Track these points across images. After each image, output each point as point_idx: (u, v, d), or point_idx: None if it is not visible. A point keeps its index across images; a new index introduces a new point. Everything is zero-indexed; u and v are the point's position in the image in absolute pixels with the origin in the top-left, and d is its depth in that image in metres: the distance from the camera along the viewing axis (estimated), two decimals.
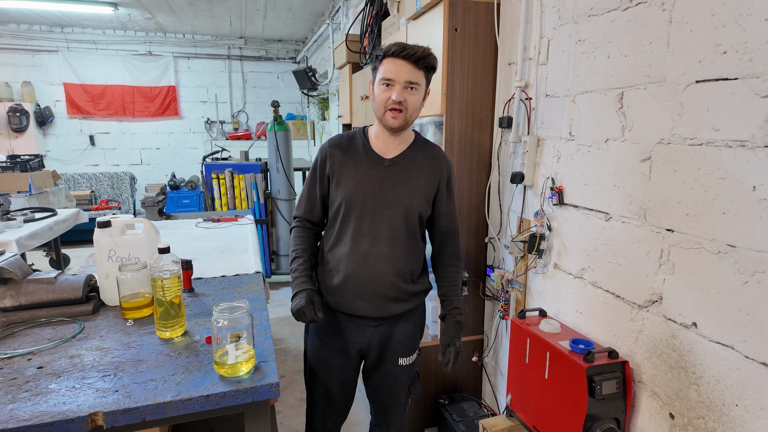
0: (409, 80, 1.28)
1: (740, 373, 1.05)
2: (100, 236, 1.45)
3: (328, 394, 1.52)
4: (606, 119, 1.41)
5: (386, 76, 1.29)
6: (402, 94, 1.28)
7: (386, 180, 1.38)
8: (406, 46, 1.27)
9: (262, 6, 5.23)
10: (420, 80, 1.30)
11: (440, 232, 1.51)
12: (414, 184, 1.40)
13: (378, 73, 1.32)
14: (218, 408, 1.02)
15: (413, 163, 1.41)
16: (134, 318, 1.39)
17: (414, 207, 1.39)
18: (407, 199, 1.38)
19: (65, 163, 6.60)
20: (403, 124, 1.33)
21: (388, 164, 1.39)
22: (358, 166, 1.39)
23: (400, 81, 1.28)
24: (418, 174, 1.41)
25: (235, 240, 2.41)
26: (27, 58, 6.27)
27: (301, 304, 1.32)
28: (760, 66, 0.97)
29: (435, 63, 1.33)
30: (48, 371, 1.08)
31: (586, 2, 1.47)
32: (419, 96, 1.32)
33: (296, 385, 2.72)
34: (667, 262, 1.23)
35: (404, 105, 1.29)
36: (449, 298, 1.51)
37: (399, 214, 1.38)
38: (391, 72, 1.28)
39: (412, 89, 1.29)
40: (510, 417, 1.73)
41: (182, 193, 6.26)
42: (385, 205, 1.37)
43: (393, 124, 1.32)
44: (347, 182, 1.38)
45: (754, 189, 1.00)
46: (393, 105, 1.29)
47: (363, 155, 1.40)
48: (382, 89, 1.31)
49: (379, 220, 1.37)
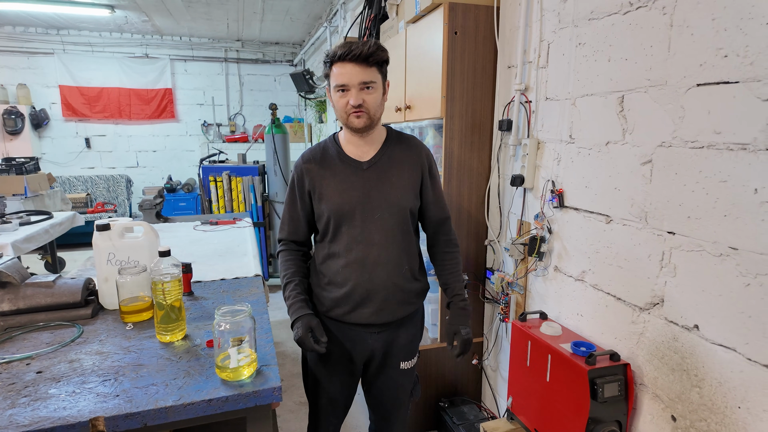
0: (362, 81, 1.25)
1: (743, 376, 1.05)
2: (99, 239, 1.44)
3: (331, 401, 1.51)
4: (607, 122, 1.42)
5: (339, 82, 1.26)
6: (359, 96, 1.26)
7: (369, 183, 1.36)
8: (351, 47, 1.24)
9: (260, 9, 5.23)
10: (374, 77, 1.27)
11: (431, 221, 1.49)
12: (398, 180, 1.37)
13: (330, 80, 1.30)
14: (220, 412, 1.01)
15: (392, 160, 1.39)
16: (134, 322, 1.38)
17: (403, 203, 1.37)
18: (395, 197, 1.36)
19: (61, 166, 6.56)
20: (368, 123, 1.31)
21: (367, 167, 1.37)
22: (337, 176, 1.36)
23: (354, 84, 1.25)
24: (399, 169, 1.38)
25: (234, 243, 2.40)
26: (23, 61, 6.23)
27: (299, 335, 1.29)
28: (762, 69, 0.97)
29: (385, 56, 1.30)
30: (47, 376, 1.07)
31: (586, 6, 1.48)
32: (378, 93, 1.30)
33: (295, 389, 2.70)
34: (668, 265, 1.23)
35: (365, 106, 1.27)
36: (451, 285, 1.49)
37: (389, 214, 1.36)
38: (342, 76, 1.26)
39: (368, 89, 1.27)
40: (511, 420, 1.72)
41: (179, 195, 6.24)
42: (373, 209, 1.35)
43: (358, 124, 1.30)
44: (330, 194, 1.35)
45: (755, 192, 1.00)
46: (352, 110, 1.28)
47: (339, 163, 1.38)
48: (339, 96, 1.28)
49: (370, 225, 1.35)
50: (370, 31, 2.93)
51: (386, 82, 1.35)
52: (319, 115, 6.41)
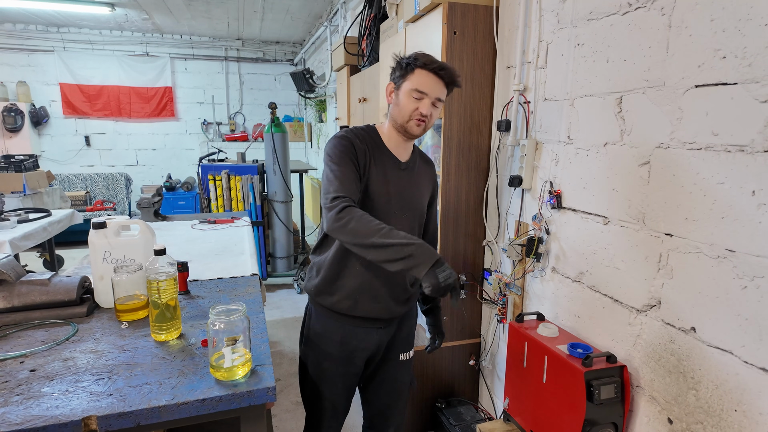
0: (439, 97, 1.31)
1: (739, 378, 1.04)
2: (95, 237, 1.44)
3: (333, 405, 1.50)
4: (605, 123, 1.41)
5: (420, 89, 1.29)
6: (430, 108, 1.31)
7: (402, 182, 1.40)
8: (443, 65, 1.30)
9: (260, 8, 5.23)
10: (444, 98, 1.34)
11: (426, 233, 1.56)
12: (421, 188, 1.46)
13: (408, 81, 1.31)
14: (214, 412, 1.00)
15: (418, 169, 1.46)
16: (129, 320, 1.37)
17: (422, 209, 1.47)
18: (419, 202, 1.45)
19: (60, 164, 6.56)
20: (422, 134, 1.37)
21: (404, 167, 1.42)
22: (380, 166, 1.37)
23: (432, 96, 1.30)
24: (422, 179, 1.46)
25: (232, 242, 2.39)
26: (23, 58, 6.23)
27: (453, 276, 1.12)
28: (760, 71, 0.97)
29: (460, 84, 1.37)
30: (41, 374, 1.07)
31: (585, 6, 1.47)
32: (439, 111, 1.36)
33: (292, 389, 2.70)
34: (665, 267, 1.22)
35: (428, 118, 1.33)
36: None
37: (412, 217, 1.43)
38: (426, 86, 1.29)
39: (436, 105, 1.32)
40: (507, 421, 1.72)
41: (178, 194, 6.23)
42: (402, 208, 1.40)
43: (417, 132, 1.34)
44: (374, 179, 1.35)
45: (753, 194, 0.99)
46: (419, 116, 1.31)
47: (384, 155, 1.40)
48: (411, 99, 1.31)
49: (395, 222, 1.36)
50: (370, 30, 2.93)
51: None
52: (319, 114, 6.41)
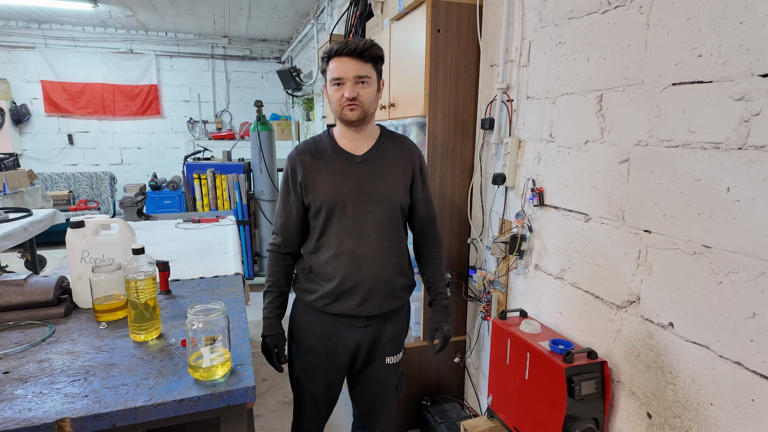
0: (358, 75, 1.30)
1: (715, 373, 1.06)
2: (72, 237, 1.42)
3: (314, 398, 1.51)
4: (585, 121, 1.42)
5: (335, 76, 1.31)
6: (354, 89, 1.30)
7: (362, 176, 1.38)
8: (348, 43, 1.29)
9: (246, 5, 5.18)
10: (368, 73, 1.32)
11: (419, 220, 1.53)
12: (390, 176, 1.41)
13: (327, 74, 1.35)
14: (192, 413, 0.99)
15: (385, 156, 1.42)
16: (108, 321, 1.35)
17: (395, 198, 1.41)
18: (387, 191, 1.39)
19: (42, 163, 6.44)
20: (362, 116, 1.34)
21: (361, 161, 1.39)
22: (330, 168, 1.38)
23: (349, 77, 1.30)
24: (392, 165, 1.42)
25: (216, 241, 2.37)
26: (3, 55, 6.10)
27: (266, 349, 1.44)
28: (734, 69, 0.98)
29: (380, 53, 1.35)
30: (14, 376, 1.05)
31: (566, 5, 1.48)
32: (372, 89, 1.34)
33: (278, 389, 2.68)
34: (644, 263, 1.24)
35: (359, 99, 1.31)
36: (434, 284, 1.55)
37: (381, 208, 1.38)
38: (339, 70, 1.30)
39: (363, 83, 1.31)
40: (491, 418, 1.73)
41: (163, 193, 6.16)
42: (365, 202, 1.37)
43: (352, 116, 1.33)
44: (323, 185, 1.37)
45: (728, 190, 1.01)
46: (347, 102, 1.31)
47: (333, 156, 1.40)
48: (334, 89, 1.33)
49: (361, 217, 1.36)
50: (356, 28, 2.92)
51: (381, 81, 1.39)
52: (307, 112, 6.37)
